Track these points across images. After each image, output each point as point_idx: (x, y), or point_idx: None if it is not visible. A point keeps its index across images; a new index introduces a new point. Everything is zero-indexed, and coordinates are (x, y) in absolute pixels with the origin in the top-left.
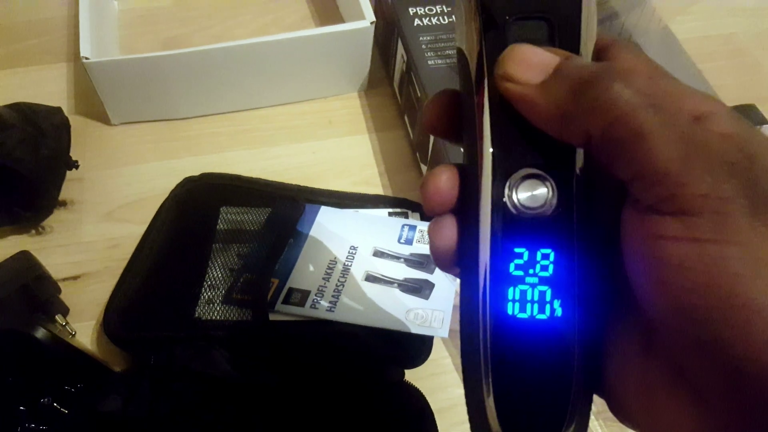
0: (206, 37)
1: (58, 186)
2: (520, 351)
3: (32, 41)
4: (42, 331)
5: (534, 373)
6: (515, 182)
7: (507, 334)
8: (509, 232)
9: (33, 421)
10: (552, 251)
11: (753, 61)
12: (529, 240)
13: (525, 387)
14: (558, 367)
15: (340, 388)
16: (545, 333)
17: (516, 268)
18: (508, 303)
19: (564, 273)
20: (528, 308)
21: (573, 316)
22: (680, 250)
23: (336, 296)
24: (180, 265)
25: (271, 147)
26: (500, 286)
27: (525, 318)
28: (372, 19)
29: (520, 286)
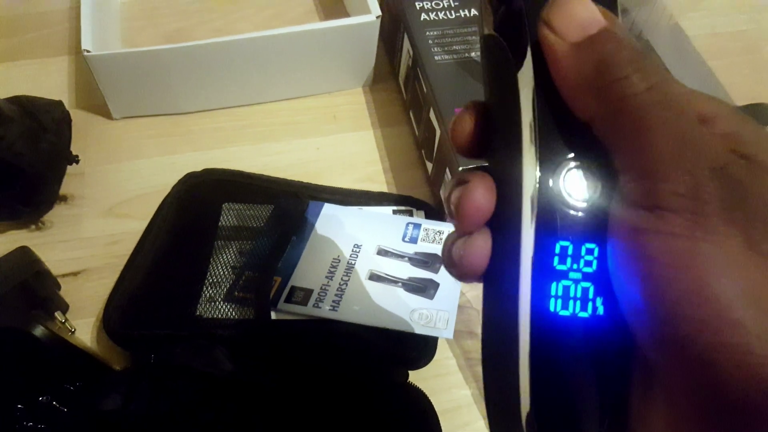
0: (209, 31)
1: (58, 181)
2: (562, 354)
3: (33, 34)
4: (41, 329)
5: (574, 375)
6: (562, 173)
7: (549, 334)
8: (554, 225)
9: (31, 419)
10: (596, 246)
11: (763, 59)
12: (574, 233)
13: (565, 391)
14: (600, 370)
15: (343, 389)
16: (587, 332)
17: (560, 262)
18: (551, 299)
19: (605, 270)
20: (570, 305)
21: (615, 316)
22: (653, 243)
23: (339, 295)
24: (181, 262)
25: (274, 142)
26: (543, 282)
27: (567, 316)
28: (378, 13)
29: (564, 281)
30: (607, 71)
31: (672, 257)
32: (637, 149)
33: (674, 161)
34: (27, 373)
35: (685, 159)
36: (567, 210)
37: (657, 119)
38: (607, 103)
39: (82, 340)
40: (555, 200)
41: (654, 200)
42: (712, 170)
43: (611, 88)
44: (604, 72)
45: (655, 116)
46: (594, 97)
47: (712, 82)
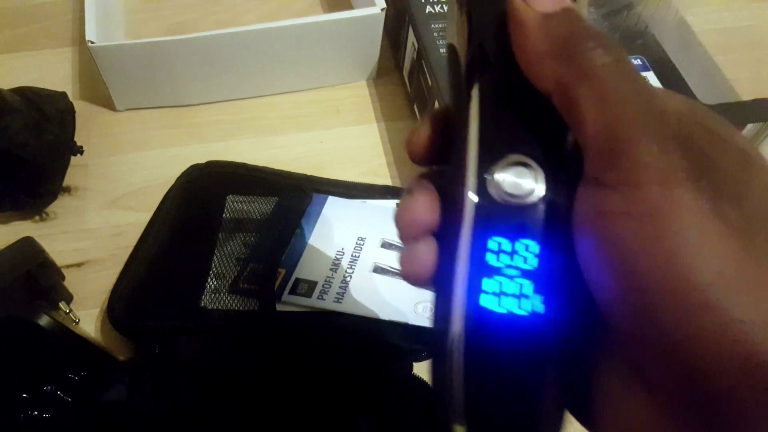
0: (213, 23)
1: (62, 172)
2: (495, 351)
3: (37, 25)
4: (45, 318)
5: (506, 374)
6: (500, 168)
7: (480, 329)
8: (492, 220)
9: (36, 408)
10: (536, 243)
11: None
12: (511, 229)
13: (496, 388)
14: (532, 371)
15: (346, 380)
16: (522, 331)
17: (496, 259)
18: (481, 294)
19: (548, 268)
20: (504, 302)
21: (553, 315)
22: (622, 227)
23: (343, 287)
24: (185, 254)
25: (277, 135)
26: (477, 277)
27: (502, 313)
28: (383, 6)
29: (497, 277)
30: (577, 41)
31: (643, 242)
32: (602, 118)
33: (639, 129)
34: (31, 363)
35: (651, 128)
36: (506, 205)
37: (623, 89)
38: (575, 70)
39: (86, 331)
40: (494, 197)
41: (618, 175)
42: (676, 138)
43: (580, 56)
44: (573, 41)
45: (621, 86)
46: (561, 65)
47: (717, 77)
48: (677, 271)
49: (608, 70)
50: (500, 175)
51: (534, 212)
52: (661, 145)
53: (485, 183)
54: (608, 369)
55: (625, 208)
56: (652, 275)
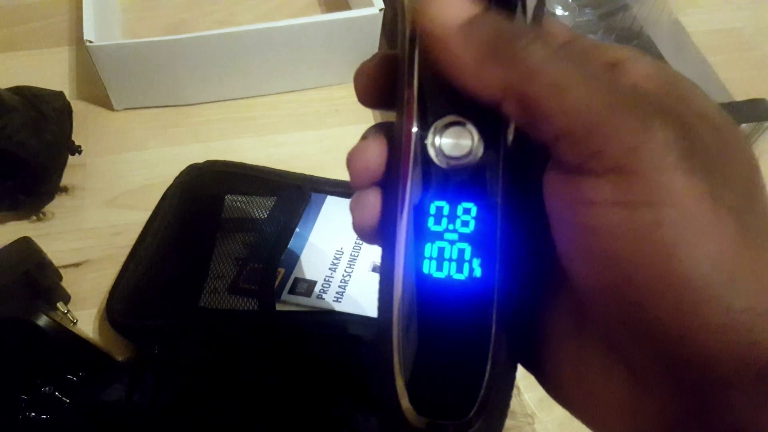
0: (211, 22)
1: (60, 171)
2: (435, 314)
3: (34, 24)
4: (44, 318)
5: (449, 339)
6: (438, 129)
7: (422, 295)
8: (430, 183)
9: (34, 409)
10: (474, 205)
11: (762, 55)
12: (450, 192)
13: (438, 355)
14: (475, 335)
15: (345, 379)
16: (463, 295)
17: (435, 223)
18: (424, 261)
19: (486, 231)
20: (445, 267)
21: (493, 279)
22: (611, 217)
23: (342, 286)
24: (184, 254)
25: (276, 135)
26: (417, 242)
27: (442, 278)
28: (381, 6)
29: (438, 242)
30: (508, 41)
31: (634, 232)
32: (561, 110)
33: (611, 112)
34: (30, 364)
35: (623, 107)
36: (444, 169)
37: (567, 76)
38: (518, 70)
39: (84, 331)
40: (432, 159)
41: (605, 162)
42: (658, 112)
43: (518, 55)
44: (504, 43)
45: (565, 73)
46: (502, 70)
47: (711, 78)
48: (674, 265)
49: (554, 59)
50: (439, 136)
51: (471, 175)
52: (644, 124)
53: (424, 144)
54: (563, 332)
55: (617, 197)
56: (647, 268)
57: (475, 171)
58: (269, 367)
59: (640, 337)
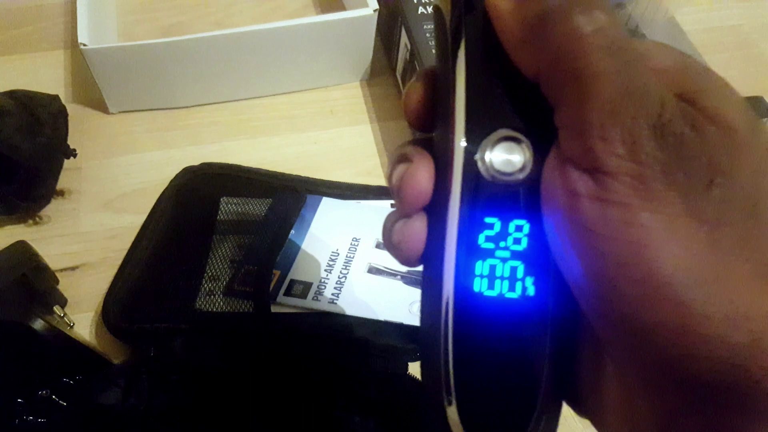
0: (206, 25)
1: (55, 175)
2: (486, 334)
3: (29, 27)
4: (40, 322)
5: (500, 360)
6: (489, 145)
7: (472, 314)
8: (480, 200)
9: (31, 413)
10: (526, 222)
11: (759, 53)
12: (501, 209)
13: (489, 377)
14: (527, 356)
15: (342, 381)
16: (515, 314)
17: (486, 240)
18: (474, 278)
19: (539, 248)
20: (497, 285)
21: (546, 297)
22: (589, 211)
23: (338, 288)
24: (180, 256)
25: (271, 137)
26: (467, 260)
27: (493, 296)
28: (375, 7)
29: (490, 259)
30: (550, 21)
31: (609, 227)
32: (577, 101)
33: (614, 116)
34: (26, 367)
35: (626, 113)
36: (495, 185)
37: (599, 66)
38: (550, 50)
39: (81, 335)
40: (483, 174)
41: (592, 161)
42: (652, 127)
43: (554, 33)
44: (546, 22)
45: (598, 62)
46: (538, 47)
47: None
48: (641, 261)
49: (585, 44)
50: (489, 151)
51: (524, 190)
52: (633, 134)
53: (474, 160)
54: (590, 352)
55: (597, 194)
56: (616, 260)
57: (527, 186)
58: (265, 368)
59: (615, 329)
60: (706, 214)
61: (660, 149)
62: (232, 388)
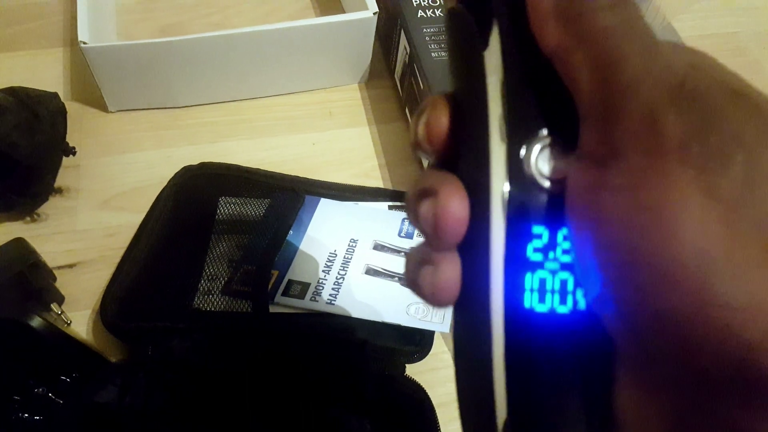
0: (205, 25)
1: (54, 172)
2: (538, 352)
3: (28, 25)
4: (37, 319)
5: (555, 377)
6: (534, 148)
7: (524, 333)
8: (526, 209)
9: (27, 410)
10: None
11: (753, 61)
12: (548, 217)
13: (544, 395)
14: (580, 374)
15: (339, 382)
16: (567, 330)
17: (535, 251)
18: (525, 293)
19: None
20: (548, 299)
21: None
22: (613, 202)
23: (336, 289)
24: (178, 255)
25: (270, 137)
26: (516, 274)
27: (544, 312)
28: (375, 10)
29: (540, 272)
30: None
31: (635, 218)
32: (595, 85)
33: (632, 92)
34: (23, 365)
35: (646, 88)
36: (540, 193)
37: (623, 49)
38: (574, 33)
39: (78, 332)
40: (526, 182)
41: (608, 146)
42: (677, 97)
43: (581, 17)
44: (576, 1)
45: (622, 46)
46: (562, 27)
47: None
48: (656, 247)
49: (610, 32)
50: (535, 155)
51: None
52: (654, 108)
53: (518, 165)
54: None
55: (616, 180)
56: (641, 253)
57: None
58: (262, 368)
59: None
60: (724, 193)
61: (679, 122)
62: (229, 387)
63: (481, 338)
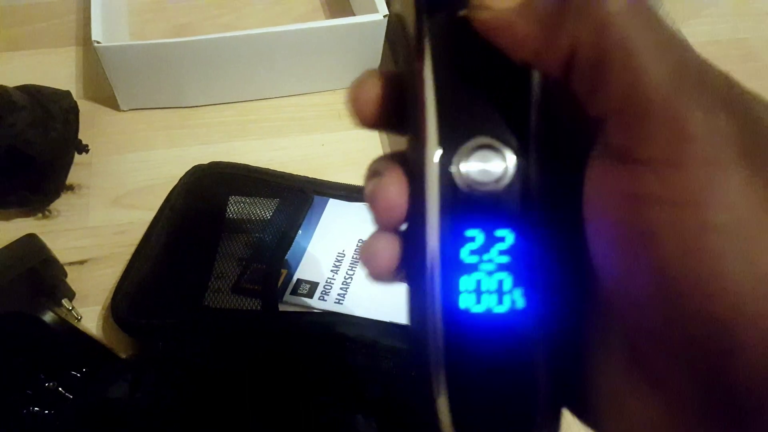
0: (216, 26)
1: (66, 170)
2: (476, 353)
3: (41, 24)
4: (50, 314)
5: (494, 379)
6: (465, 154)
7: (460, 333)
8: (459, 212)
9: (38, 404)
10: (510, 232)
11: (764, 66)
12: (482, 220)
13: (484, 397)
14: (521, 372)
15: (346, 380)
16: (505, 329)
17: (469, 254)
18: (460, 295)
19: (525, 258)
20: (484, 300)
21: (537, 309)
22: (656, 216)
23: (344, 288)
24: (189, 253)
25: (279, 138)
26: (451, 276)
27: (480, 312)
28: (385, 13)
29: (475, 274)
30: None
31: (679, 235)
32: (630, 78)
33: (680, 90)
34: (34, 359)
35: (692, 88)
36: (474, 194)
37: (650, 40)
38: (587, 23)
39: (89, 328)
40: (460, 183)
41: (654, 150)
42: (724, 101)
43: (582, 10)
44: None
45: (647, 36)
46: (565, 31)
47: None
48: (718, 277)
49: (626, 18)
50: (466, 162)
51: (505, 199)
52: (707, 111)
53: (449, 172)
54: (605, 363)
55: (662, 193)
56: (689, 280)
57: (508, 194)
58: (271, 365)
59: (671, 347)
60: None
61: (734, 128)
62: (238, 384)
63: (422, 341)
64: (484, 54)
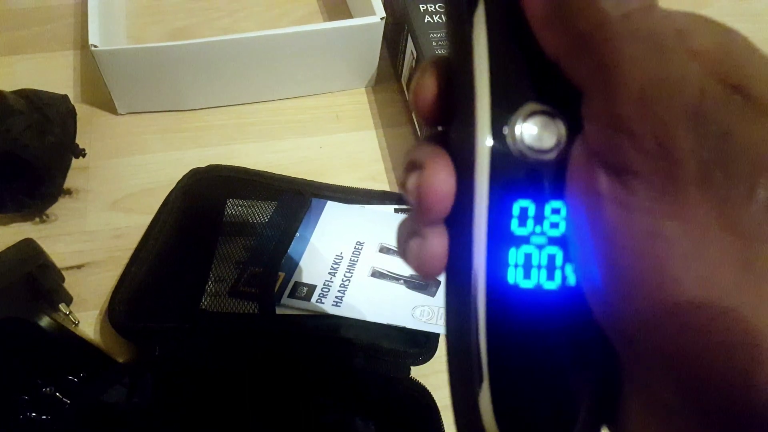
0: (214, 29)
1: (63, 174)
2: (522, 333)
3: (39, 28)
4: (46, 319)
5: (539, 358)
6: (520, 117)
7: (507, 308)
8: (511, 181)
9: (35, 410)
10: (564, 204)
11: None
12: (535, 190)
13: (527, 376)
14: (569, 352)
15: (345, 383)
16: (555, 307)
17: (519, 226)
18: (508, 269)
19: None
20: (534, 275)
21: None
22: (613, 217)
23: (342, 291)
24: (186, 257)
25: (277, 141)
26: (499, 248)
27: (530, 288)
28: (382, 15)
29: (525, 247)
30: None
31: (628, 237)
32: (603, 91)
33: (644, 106)
34: (31, 364)
35: (658, 103)
36: (527, 164)
37: (627, 53)
38: (574, 34)
39: (86, 333)
40: (512, 152)
41: (618, 158)
42: (689, 118)
43: (579, 16)
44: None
45: (626, 49)
46: (561, 29)
47: None
48: (662, 279)
49: (613, 30)
50: (519, 126)
51: (561, 169)
52: (671, 126)
53: (503, 137)
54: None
55: (620, 197)
56: (633, 275)
57: (562, 165)
58: (269, 370)
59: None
60: (744, 227)
61: (698, 145)
62: (236, 388)
63: (464, 318)
64: None
